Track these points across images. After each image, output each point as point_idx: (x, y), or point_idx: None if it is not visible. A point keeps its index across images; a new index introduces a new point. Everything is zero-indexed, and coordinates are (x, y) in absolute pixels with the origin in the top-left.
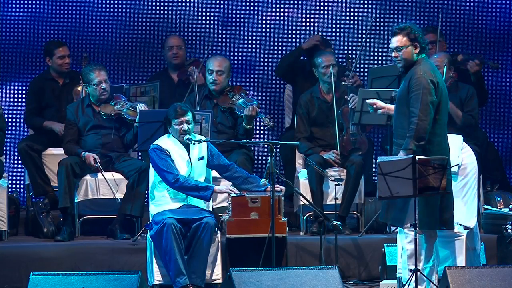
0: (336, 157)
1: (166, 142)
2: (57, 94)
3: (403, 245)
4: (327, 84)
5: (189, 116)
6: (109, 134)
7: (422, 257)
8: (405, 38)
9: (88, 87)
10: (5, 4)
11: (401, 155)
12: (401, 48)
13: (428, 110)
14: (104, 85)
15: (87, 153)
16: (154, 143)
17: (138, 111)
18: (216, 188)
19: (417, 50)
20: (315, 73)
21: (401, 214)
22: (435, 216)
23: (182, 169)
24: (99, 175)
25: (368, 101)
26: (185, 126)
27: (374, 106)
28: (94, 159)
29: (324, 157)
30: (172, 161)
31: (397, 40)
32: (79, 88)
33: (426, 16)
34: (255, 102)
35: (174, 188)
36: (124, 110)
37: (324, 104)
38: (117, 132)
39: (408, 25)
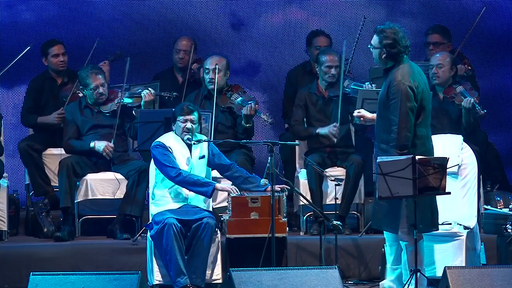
0: (336, 130)
1: (169, 139)
2: (56, 94)
3: (403, 246)
4: (326, 82)
5: (194, 116)
6: (108, 134)
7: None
8: (377, 40)
9: (85, 91)
10: (7, 4)
11: None
12: (373, 47)
13: (407, 118)
14: (101, 90)
15: (97, 143)
16: (157, 140)
17: (142, 95)
18: (218, 185)
19: (384, 56)
20: (316, 68)
21: (395, 220)
22: (427, 219)
23: (183, 167)
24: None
25: (354, 113)
26: (189, 125)
27: (362, 119)
28: (111, 147)
29: (321, 132)
30: (174, 157)
31: (373, 39)
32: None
33: (429, 16)
34: (253, 101)
35: (175, 182)
36: (126, 100)
37: (321, 100)
38: (117, 130)
39: (385, 29)
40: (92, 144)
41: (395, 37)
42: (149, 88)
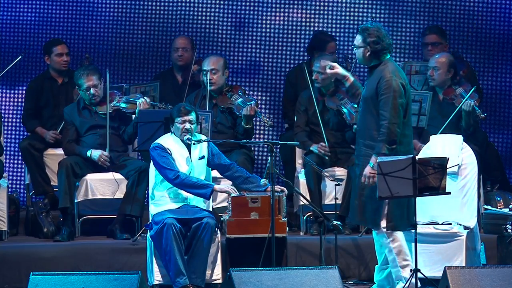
0: (324, 149)
1: (168, 140)
2: (56, 94)
3: (386, 246)
4: (320, 87)
5: (192, 116)
6: (107, 134)
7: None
8: (360, 39)
9: (79, 91)
10: (8, 5)
11: (373, 159)
12: (356, 47)
13: (398, 113)
14: (92, 91)
15: (93, 152)
16: (156, 141)
17: (137, 103)
18: (216, 187)
19: (368, 53)
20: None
21: (376, 216)
22: (404, 217)
23: (183, 167)
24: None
25: (328, 71)
26: (188, 125)
27: (333, 70)
28: (106, 156)
29: (313, 151)
30: (173, 159)
31: (356, 38)
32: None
33: (430, 16)
34: (253, 102)
35: (174, 185)
36: (122, 104)
37: (321, 105)
38: (115, 131)
39: (369, 27)
40: (89, 154)
41: (379, 34)
42: (145, 97)
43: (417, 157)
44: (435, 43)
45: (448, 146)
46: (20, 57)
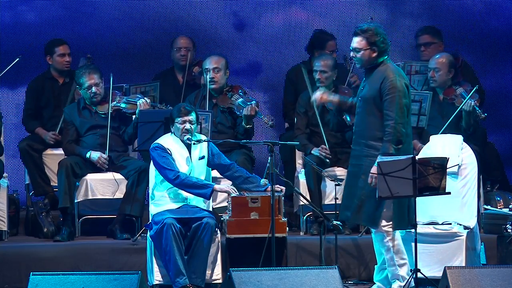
0: (326, 152)
1: (168, 140)
2: (57, 94)
3: (384, 244)
4: (321, 87)
5: (192, 116)
6: (107, 134)
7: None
8: (364, 41)
9: (80, 90)
10: (9, 5)
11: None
12: (359, 50)
13: (404, 113)
14: (94, 89)
15: (93, 153)
16: (156, 141)
17: (138, 104)
18: (216, 186)
19: (375, 54)
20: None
21: (375, 215)
22: (404, 217)
23: (183, 168)
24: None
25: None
26: (188, 126)
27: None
28: (105, 159)
29: (314, 153)
30: (173, 159)
31: (356, 41)
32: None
33: (430, 16)
34: (254, 102)
35: (174, 185)
36: (122, 105)
37: (320, 106)
38: (115, 131)
39: (370, 28)
40: (88, 155)
41: (381, 34)
42: (145, 98)
43: (417, 157)
44: (428, 43)
45: (448, 146)
46: (17, 59)
